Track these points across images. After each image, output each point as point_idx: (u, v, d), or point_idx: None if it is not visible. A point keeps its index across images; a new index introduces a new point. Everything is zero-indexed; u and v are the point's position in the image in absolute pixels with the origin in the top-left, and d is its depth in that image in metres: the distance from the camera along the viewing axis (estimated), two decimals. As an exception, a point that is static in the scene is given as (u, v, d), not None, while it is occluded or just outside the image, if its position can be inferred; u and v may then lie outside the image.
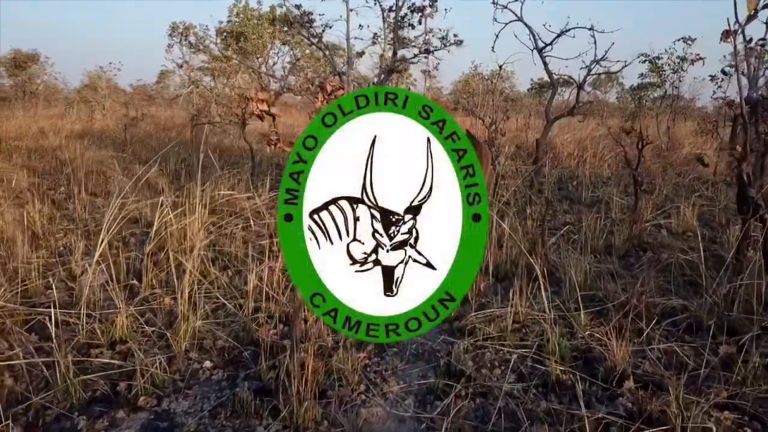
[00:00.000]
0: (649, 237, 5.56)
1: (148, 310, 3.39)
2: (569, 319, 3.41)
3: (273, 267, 3.68)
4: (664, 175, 8.84)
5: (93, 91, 16.56)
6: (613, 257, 4.80)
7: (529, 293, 3.56)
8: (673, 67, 12.54)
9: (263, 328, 3.14)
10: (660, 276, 4.18)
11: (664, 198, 7.00)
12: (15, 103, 17.66)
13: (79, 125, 14.41)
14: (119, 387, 2.62)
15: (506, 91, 21.84)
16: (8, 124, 13.32)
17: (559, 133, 12.72)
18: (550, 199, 6.05)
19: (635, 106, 17.70)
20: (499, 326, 3.33)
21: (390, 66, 5.93)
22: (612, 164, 9.90)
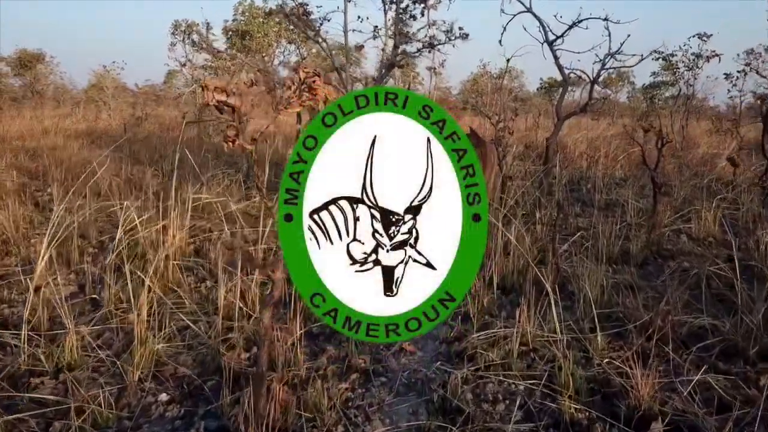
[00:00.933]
0: (669, 243, 5.07)
1: (107, 329, 2.97)
2: (584, 342, 2.94)
3: (249, 279, 3.24)
4: (680, 175, 8.30)
5: (100, 90, 16.26)
6: (631, 266, 4.32)
7: (538, 311, 3.09)
8: (688, 65, 11.96)
9: (232, 353, 2.70)
10: (684, 288, 3.71)
11: (682, 200, 6.49)
12: (23, 103, 17.40)
13: (84, 125, 14.08)
14: (52, 429, 2.19)
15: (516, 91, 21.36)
16: (13, 123, 13.05)
17: (570, 132, 12.18)
18: (561, 202, 5.57)
19: (647, 105, 17.12)
20: (504, 350, 2.87)
21: (390, 60, 5.48)
22: (625, 164, 9.38)
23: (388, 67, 5.56)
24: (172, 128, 14.35)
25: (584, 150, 9.92)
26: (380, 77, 5.81)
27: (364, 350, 2.91)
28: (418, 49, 6.31)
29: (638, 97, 19.39)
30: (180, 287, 3.42)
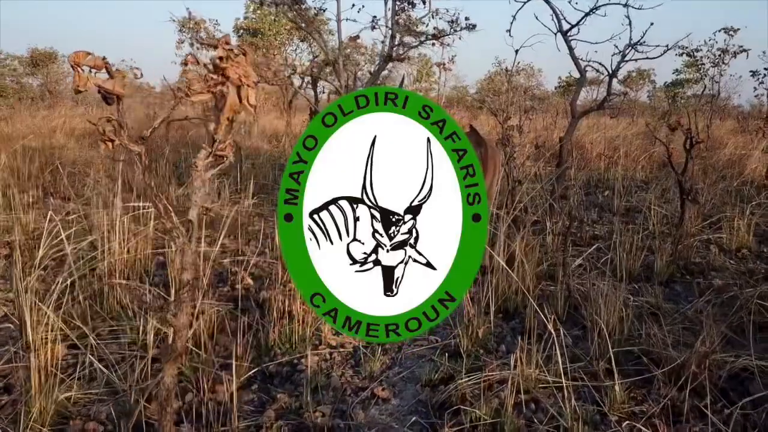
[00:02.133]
0: (697, 255, 4.40)
1: (15, 368, 2.41)
2: (599, 391, 2.32)
3: (209, 304, 2.67)
4: (705, 178, 7.55)
5: (113, 89, 15.87)
6: (655, 284, 3.68)
7: (541, 348, 2.47)
8: (714, 60, 11.13)
9: (156, 405, 2.13)
10: (720, 316, 3.06)
11: (710, 206, 5.78)
12: (40, 103, 17.14)
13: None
14: None
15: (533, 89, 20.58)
16: (24, 123, 12.71)
17: (588, 132, 11.43)
18: (574, 212, 4.92)
19: (669, 104, 16.25)
20: (498, 398, 2.26)
21: (388, 52, 4.87)
22: (646, 165, 8.65)
23: (384, 59, 4.96)
24: (183, 126, 13.92)
25: (602, 150, 9.20)
26: (377, 71, 5.21)
27: (326, 398, 2.33)
28: (421, 41, 5.70)
29: (659, 96, 18.47)
30: (113, 319, 2.86)
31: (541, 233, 4.41)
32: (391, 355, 2.72)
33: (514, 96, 11.98)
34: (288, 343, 2.67)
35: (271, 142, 11.29)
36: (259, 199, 5.72)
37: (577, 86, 5.46)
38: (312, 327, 2.78)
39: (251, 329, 2.74)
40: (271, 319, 2.78)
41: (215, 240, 4.44)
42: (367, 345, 2.75)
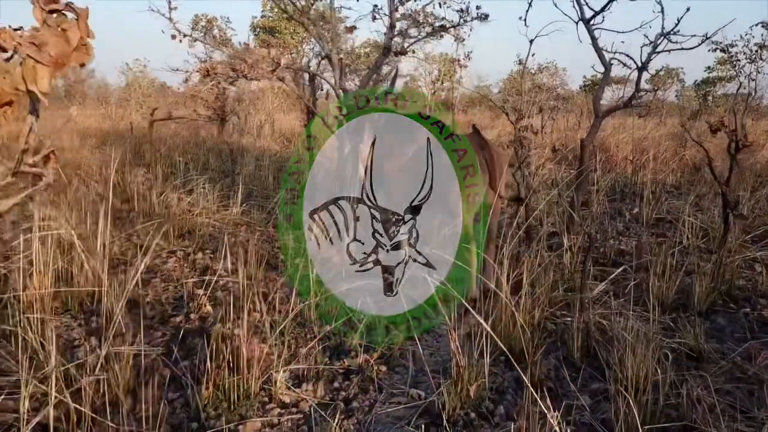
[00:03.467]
0: (741, 277, 3.69)
1: None
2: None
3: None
4: (743, 183, 6.71)
5: (132, 90, 15.63)
6: (694, 316, 3.00)
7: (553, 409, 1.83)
8: (750, 56, 10.22)
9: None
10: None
11: (753, 217, 5.01)
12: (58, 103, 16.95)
13: (107, 124, 13.35)
14: None
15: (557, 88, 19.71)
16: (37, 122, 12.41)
17: (613, 132, 10.60)
18: (595, 229, 4.23)
19: (700, 103, 15.28)
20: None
21: (386, 43, 4.26)
22: (677, 169, 7.85)
23: (383, 53, 4.34)
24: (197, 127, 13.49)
25: (629, 153, 8.42)
26: (376, 66, 4.59)
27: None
28: (428, 33, 5.07)
29: (689, 95, 17.43)
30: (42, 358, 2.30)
31: (558, 248, 3.74)
32: (358, 418, 2.09)
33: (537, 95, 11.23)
34: (226, 402, 2.07)
35: (283, 144, 10.75)
36: (249, 206, 5.15)
37: (601, 82, 4.77)
38: (261, 380, 2.17)
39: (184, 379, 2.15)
40: (210, 366, 2.17)
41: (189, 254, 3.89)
42: (330, 403, 2.14)
